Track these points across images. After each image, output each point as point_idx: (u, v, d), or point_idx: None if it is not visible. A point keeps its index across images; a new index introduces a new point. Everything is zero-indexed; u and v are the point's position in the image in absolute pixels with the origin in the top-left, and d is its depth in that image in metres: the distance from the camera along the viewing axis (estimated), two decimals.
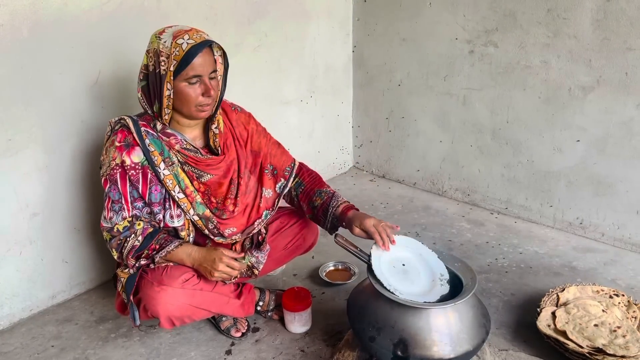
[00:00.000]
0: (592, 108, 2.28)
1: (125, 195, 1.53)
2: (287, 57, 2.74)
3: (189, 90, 1.50)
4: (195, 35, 1.49)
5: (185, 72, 1.47)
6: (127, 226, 1.54)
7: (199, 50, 1.47)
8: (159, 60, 1.48)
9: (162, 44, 1.48)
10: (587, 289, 1.88)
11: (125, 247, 1.53)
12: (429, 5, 2.69)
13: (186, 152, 1.59)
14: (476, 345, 1.42)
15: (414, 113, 2.95)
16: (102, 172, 1.55)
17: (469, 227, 2.59)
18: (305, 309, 1.81)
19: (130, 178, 1.53)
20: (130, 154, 1.52)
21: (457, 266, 1.56)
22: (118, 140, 1.53)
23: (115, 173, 1.52)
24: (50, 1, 1.77)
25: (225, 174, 1.66)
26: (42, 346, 1.83)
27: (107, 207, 1.54)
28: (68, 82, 1.89)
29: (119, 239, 1.54)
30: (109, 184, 1.53)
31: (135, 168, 1.53)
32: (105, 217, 1.55)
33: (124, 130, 1.54)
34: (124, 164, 1.52)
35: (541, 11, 2.30)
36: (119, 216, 1.54)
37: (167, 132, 1.58)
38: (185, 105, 1.53)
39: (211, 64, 1.52)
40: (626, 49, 2.12)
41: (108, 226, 1.55)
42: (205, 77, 1.51)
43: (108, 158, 1.53)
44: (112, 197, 1.53)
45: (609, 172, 2.30)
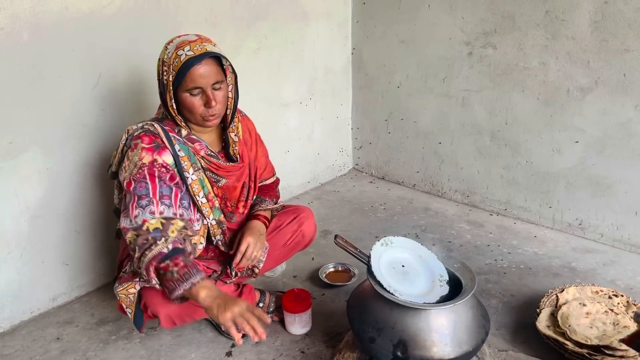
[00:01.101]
0: (591, 109, 2.28)
1: (154, 189, 1.47)
2: (287, 59, 2.74)
3: (191, 100, 1.51)
4: (198, 46, 1.48)
5: (185, 83, 1.49)
6: (158, 228, 1.43)
7: (196, 62, 1.46)
8: (162, 70, 1.51)
9: (166, 53, 1.51)
10: (587, 289, 1.88)
11: (151, 251, 1.40)
12: (427, 7, 2.70)
13: (210, 158, 1.62)
14: (476, 346, 1.42)
15: (413, 115, 2.95)
16: (125, 176, 1.49)
17: (469, 228, 2.60)
18: (305, 311, 1.81)
19: (160, 175, 1.49)
20: (161, 154, 1.51)
21: (456, 267, 1.57)
22: (145, 142, 1.50)
23: (144, 171, 1.47)
24: (50, 4, 1.78)
25: (238, 179, 1.72)
26: (42, 348, 1.83)
27: (132, 205, 1.44)
28: (68, 85, 1.89)
29: (146, 238, 1.41)
30: (134, 184, 1.46)
31: (167, 167, 1.51)
32: (130, 216, 1.44)
33: (149, 134, 1.52)
34: (154, 162, 1.49)
35: (539, 13, 2.31)
36: (146, 211, 1.44)
37: (192, 138, 1.59)
38: (190, 115, 1.55)
39: (214, 74, 1.51)
40: (624, 51, 2.13)
41: (133, 226, 1.44)
42: (207, 88, 1.50)
43: (133, 160, 1.49)
44: (138, 194, 1.45)
45: (607, 173, 2.31)
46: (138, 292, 1.59)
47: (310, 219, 1.93)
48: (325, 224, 2.68)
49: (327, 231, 2.60)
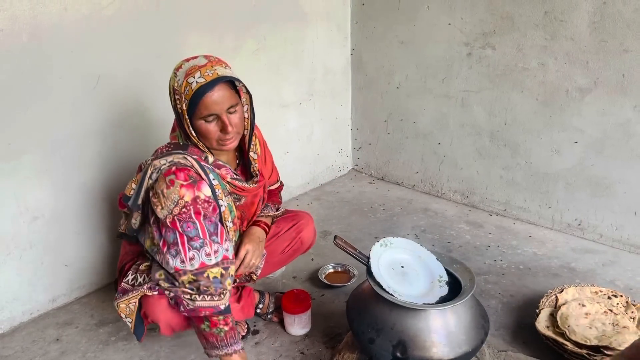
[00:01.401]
0: (590, 110, 2.29)
1: (203, 229, 1.43)
2: (286, 60, 2.75)
3: (206, 127, 1.47)
4: (209, 71, 1.43)
5: (199, 111, 1.44)
6: (217, 277, 1.43)
7: (208, 89, 1.41)
8: (174, 99, 1.48)
9: (176, 81, 1.46)
10: (586, 290, 1.89)
11: (210, 301, 1.42)
12: (426, 8, 2.70)
13: (235, 182, 1.59)
14: (475, 347, 1.42)
15: (412, 115, 2.96)
16: (164, 214, 1.42)
17: (468, 229, 2.60)
18: (304, 311, 1.81)
19: (205, 213, 1.45)
20: (201, 189, 1.44)
21: (455, 268, 1.57)
22: (182, 178, 1.42)
23: (189, 210, 1.42)
24: (49, 6, 1.78)
25: (256, 194, 1.70)
26: (42, 349, 1.83)
27: (184, 247, 1.40)
28: (68, 87, 1.90)
29: (207, 285, 1.41)
30: (179, 223, 1.41)
31: (209, 202, 1.46)
32: (184, 259, 1.40)
33: (184, 169, 1.44)
34: (197, 199, 1.43)
35: (538, 14, 2.32)
36: (202, 253, 1.41)
37: (218, 164, 1.57)
38: (207, 140, 1.51)
39: (228, 98, 1.46)
40: (623, 51, 2.13)
41: (189, 269, 1.41)
42: (222, 114, 1.46)
43: (171, 198, 1.41)
44: (188, 234, 1.41)
45: (606, 174, 2.31)
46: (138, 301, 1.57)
47: (309, 225, 1.91)
48: (325, 224, 2.68)
49: (326, 232, 2.60)
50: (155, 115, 2.20)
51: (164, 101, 2.20)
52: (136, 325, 1.59)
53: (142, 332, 1.61)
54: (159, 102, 2.19)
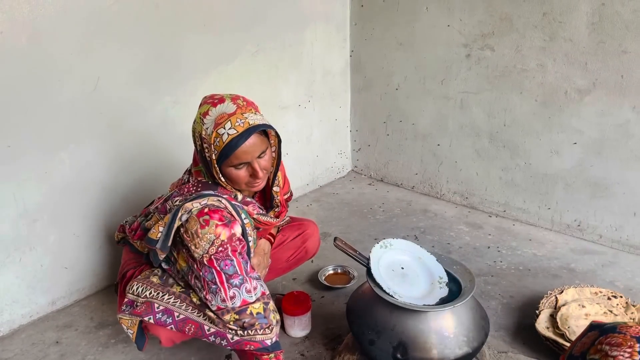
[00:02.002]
0: (589, 111, 2.29)
1: (240, 266, 1.41)
2: (285, 62, 2.75)
3: (237, 174, 1.47)
4: (239, 120, 1.40)
5: (230, 161, 1.43)
6: (261, 313, 1.41)
7: (241, 142, 1.39)
8: (203, 146, 1.45)
9: (204, 129, 1.42)
10: (586, 290, 1.89)
11: (256, 335, 1.41)
12: (425, 9, 2.70)
13: (260, 217, 1.60)
14: (475, 348, 1.42)
15: (411, 117, 2.96)
16: (200, 254, 1.39)
17: (468, 230, 2.60)
18: (304, 313, 1.81)
19: (240, 251, 1.43)
20: (233, 228, 1.42)
21: (455, 269, 1.57)
22: (217, 219, 1.40)
23: (226, 249, 1.40)
24: (49, 8, 1.78)
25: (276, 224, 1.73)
26: (42, 352, 1.83)
27: (223, 287, 1.38)
28: (67, 89, 1.89)
29: (251, 323, 1.40)
30: (217, 262, 1.38)
31: (241, 240, 1.46)
32: (225, 299, 1.38)
33: (218, 210, 1.43)
34: (233, 237, 1.42)
35: (537, 15, 2.32)
36: (243, 290, 1.40)
37: (247, 201, 1.57)
38: (236, 184, 1.51)
39: (259, 146, 1.45)
40: (621, 52, 2.13)
41: (232, 307, 1.40)
42: (254, 161, 1.46)
43: (207, 238, 1.38)
44: (227, 272, 1.39)
45: (605, 174, 2.32)
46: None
47: (314, 235, 1.93)
48: (325, 226, 2.68)
49: (326, 233, 2.60)
50: (155, 117, 2.20)
51: (163, 103, 2.21)
52: (137, 337, 1.57)
53: (144, 342, 1.59)
54: (159, 105, 2.20)
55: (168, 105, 2.22)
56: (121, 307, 1.56)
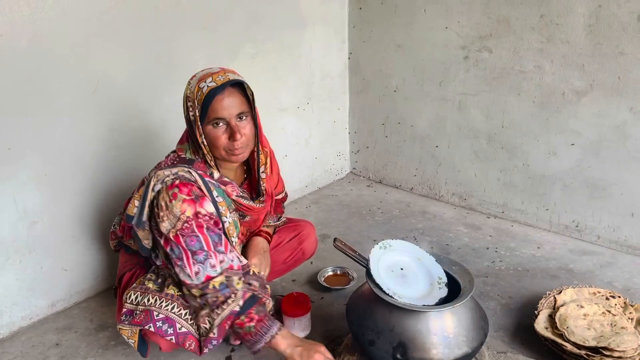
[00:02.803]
0: (586, 112, 2.30)
1: (207, 241, 1.44)
2: (284, 64, 2.76)
3: (215, 133, 1.47)
4: (220, 77, 1.44)
5: (208, 115, 1.45)
6: (224, 283, 1.44)
7: (218, 92, 1.42)
8: (187, 106, 1.48)
9: (189, 89, 1.47)
10: (584, 291, 1.89)
11: (223, 310, 1.42)
12: (423, 12, 2.72)
13: (241, 200, 1.59)
14: (475, 348, 1.43)
15: (410, 118, 2.97)
16: (168, 228, 1.43)
17: (466, 231, 2.61)
18: (304, 314, 1.81)
19: (207, 226, 1.46)
20: (202, 205, 1.45)
21: (454, 269, 1.58)
22: (184, 193, 1.43)
23: (191, 225, 1.43)
24: (49, 11, 1.79)
25: (262, 211, 1.70)
26: (42, 354, 1.83)
27: (188, 263, 1.42)
28: (67, 91, 1.90)
29: (215, 296, 1.42)
30: (182, 238, 1.42)
31: (211, 216, 1.47)
32: (190, 274, 1.42)
33: (186, 183, 1.46)
34: (198, 215, 1.44)
35: (534, 17, 2.33)
36: (207, 266, 1.43)
37: (224, 181, 1.56)
38: (215, 149, 1.50)
39: (237, 105, 1.47)
40: (618, 54, 2.15)
41: (196, 283, 1.43)
42: (232, 120, 1.46)
43: (173, 213, 1.42)
44: (192, 249, 1.42)
45: (603, 175, 2.33)
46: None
47: (311, 236, 1.92)
48: (324, 228, 2.69)
49: (325, 235, 2.61)
50: (155, 119, 2.20)
51: (163, 105, 2.22)
52: (139, 345, 1.57)
53: (146, 349, 1.59)
54: (158, 106, 2.20)
55: (168, 107, 2.22)
56: (120, 317, 1.56)
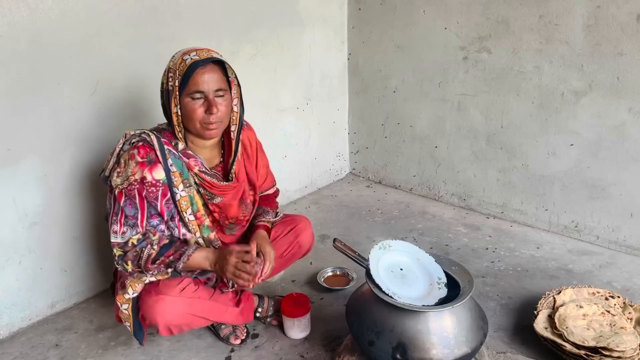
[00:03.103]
0: (585, 112, 2.31)
1: (142, 211, 1.52)
2: (283, 65, 2.76)
3: (192, 105, 1.50)
4: (204, 53, 1.50)
5: (188, 86, 1.48)
6: (141, 238, 1.53)
7: (200, 64, 1.47)
8: (168, 78, 1.51)
9: (172, 61, 1.52)
10: (583, 291, 1.90)
11: (142, 258, 1.51)
12: (422, 12, 2.72)
13: (204, 175, 1.60)
14: (474, 348, 1.43)
15: (409, 119, 2.97)
16: (117, 183, 1.51)
17: (466, 232, 2.61)
18: (304, 315, 1.82)
19: (147, 196, 1.52)
20: (152, 170, 1.51)
21: (454, 270, 1.58)
22: (140, 155, 1.50)
23: (134, 188, 1.50)
24: (48, 12, 1.79)
25: (234, 196, 1.70)
26: (41, 355, 1.83)
27: (120, 221, 1.51)
28: (66, 92, 1.90)
29: (135, 251, 1.52)
30: (124, 198, 1.50)
31: (156, 185, 1.52)
32: (117, 232, 1.52)
33: (146, 145, 1.51)
34: (144, 180, 1.50)
35: (533, 18, 2.34)
36: (134, 231, 1.52)
37: (187, 153, 1.58)
38: (190, 122, 1.52)
39: (217, 81, 1.51)
40: (617, 54, 2.15)
41: (120, 241, 1.52)
42: (209, 94, 1.50)
43: (126, 172, 1.50)
44: (126, 212, 1.51)
45: (602, 176, 2.33)
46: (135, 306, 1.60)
47: (307, 230, 1.91)
48: (323, 228, 2.69)
49: (324, 236, 2.61)
50: (154, 120, 2.20)
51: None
52: (135, 330, 1.62)
53: (143, 335, 1.63)
54: (158, 108, 2.19)
55: None
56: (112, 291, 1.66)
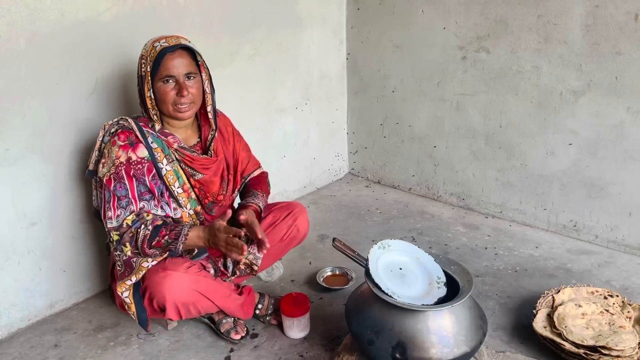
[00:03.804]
0: (584, 112, 2.31)
1: (132, 189, 1.59)
2: (282, 65, 2.76)
3: (164, 89, 1.61)
4: (173, 40, 1.61)
5: (159, 72, 1.59)
6: (135, 219, 1.57)
7: (169, 50, 1.58)
8: (140, 64, 1.62)
9: (144, 48, 1.62)
10: (582, 290, 1.90)
11: (138, 239, 1.55)
12: (421, 12, 2.72)
13: (183, 150, 1.69)
14: (474, 347, 1.43)
15: (408, 119, 2.97)
16: (104, 172, 1.60)
17: (465, 231, 2.61)
18: (303, 314, 1.82)
19: (135, 174, 1.60)
20: (136, 150, 1.61)
21: (453, 269, 1.58)
22: (121, 140, 1.60)
23: (121, 170, 1.58)
24: (47, 12, 1.79)
25: (215, 173, 1.79)
26: (41, 355, 1.82)
27: (113, 206, 1.57)
28: (65, 92, 1.90)
29: (131, 232, 1.56)
30: (113, 183, 1.58)
31: (142, 162, 1.60)
32: (112, 217, 1.58)
33: (125, 130, 1.62)
34: (129, 160, 1.59)
35: (532, 17, 2.34)
36: (127, 211, 1.58)
37: (165, 132, 1.68)
38: (163, 104, 1.63)
39: (186, 65, 1.62)
40: (615, 54, 2.15)
41: (116, 225, 1.57)
42: (180, 78, 1.61)
43: (110, 158, 1.59)
44: (118, 194, 1.57)
45: (601, 175, 2.33)
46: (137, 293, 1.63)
47: (303, 213, 1.98)
48: (322, 228, 2.69)
49: (323, 235, 2.61)
50: None
51: None
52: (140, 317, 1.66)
53: (146, 322, 1.68)
54: None
55: None
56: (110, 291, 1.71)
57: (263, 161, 2.07)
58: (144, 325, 1.68)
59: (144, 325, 1.68)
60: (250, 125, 1.88)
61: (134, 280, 1.61)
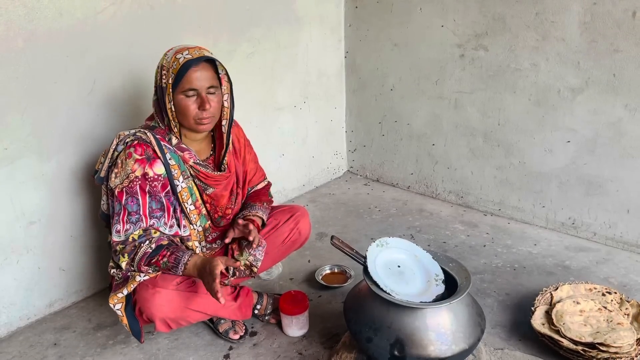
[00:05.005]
0: (582, 109, 2.31)
1: (144, 206, 1.54)
2: (281, 64, 2.76)
3: (186, 102, 1.56)
4: (196, 51, 1.56)
5: (182, 84, 1.54)
6: (142, 234, 1.54)
7: (193, 64, 1.53)
8: (161, 74, 1.56)
9: (165, 59, 1.57)
10: (580, 287, 1.91)
11: (138, 254, 1.51)
12: (419, 10, 2.72)
13: (198, 167, 1.66)
14: (472, 344, 1.44)
15: (406, 117, 2.98)
16: (116, 184, 1.54)
17: (463, 229, 2.62)
18: (302, 312, 1.82)
19: (151, 190, 1.55)
20: (153, 166, 1.56)
21: (451, 266, 1.59)
22: (138, 153, 1.54)
23: (135, 185, 1.53)
24: (45, 12, 1.79)
25: (225, 187, 1.76)
26: (40, 354, 1.83)
27: (123, 219, 1.53)
28: (63, 91, 1.90)
29: (134, 245, 1.52)
30: (125, 196, 1.53)
31: (158, 179, 1.57)
32: (119, 230, 1.53)
33: (142, 143, 1.56)
34: (146, 176, 1.55)
35: (530, 15, 2.34)
36: (137, 227, 1.53)
37: (181, 147, 1.64)
38: (184, 118, 1.58)
39: (209, 79, 1.57)
40: (613, 51, 2.16)
41: (121, 239, 1.53)
42: (202, 91, 1.56)
43: (125, 171, 1.54)
44: (129, 209, 1.53)
45: (599, 172, 2.34)
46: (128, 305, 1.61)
47: (305, 217, 1.97)
48: (321, 226, 2.69)
49: (322, 233, 2.61)
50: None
51: None
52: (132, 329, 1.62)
53: (140, 333, 1.64)
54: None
55: None
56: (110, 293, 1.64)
57: (261, 160, 2.07)
58: (138, 336, 1.64)
59: (137, 337, 1.64)
60: (248, 124, 1.88)
61: (125, 292, 1.59)
